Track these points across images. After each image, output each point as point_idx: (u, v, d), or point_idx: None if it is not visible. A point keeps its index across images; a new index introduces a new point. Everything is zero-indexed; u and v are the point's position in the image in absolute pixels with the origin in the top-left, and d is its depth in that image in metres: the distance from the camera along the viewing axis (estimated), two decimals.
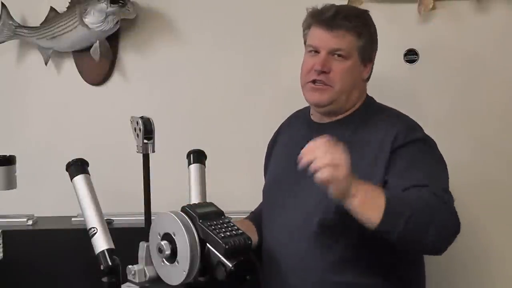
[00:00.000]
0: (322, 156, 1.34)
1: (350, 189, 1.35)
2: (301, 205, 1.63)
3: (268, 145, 1.90)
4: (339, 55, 1.62)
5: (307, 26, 1.70)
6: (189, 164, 1.87)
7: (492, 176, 2.26)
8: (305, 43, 1.72)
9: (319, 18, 1.65)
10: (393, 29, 2.25)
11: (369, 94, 1.78)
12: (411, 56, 2.26)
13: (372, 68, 1.72)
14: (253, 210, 1.95)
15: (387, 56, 2.22)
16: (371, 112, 1.67)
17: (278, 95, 2.21)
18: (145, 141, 1.69)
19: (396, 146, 1.55)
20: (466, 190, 2.24)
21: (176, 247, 1.54)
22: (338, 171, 1.33)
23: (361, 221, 1.38)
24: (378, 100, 1.76)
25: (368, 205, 1.37)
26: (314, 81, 1.64)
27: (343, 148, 1.36)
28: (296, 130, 1.80)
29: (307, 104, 1.78)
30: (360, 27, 1.64)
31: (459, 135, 2.26)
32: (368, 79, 1.73)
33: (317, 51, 1.64)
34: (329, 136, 1.64)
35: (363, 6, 2.20)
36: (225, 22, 2.36)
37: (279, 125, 1.95)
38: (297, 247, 1.61)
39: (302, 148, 1.70)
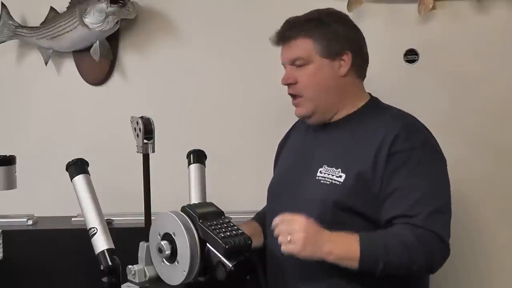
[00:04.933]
0: (282, 233, 1.48)
1: (321, 249, 1.46)
2: (301, 204, 1.63)
3: (279, 145, 1.90)
4: (299, 65, 1.64)
5: None
6: (189, 164, 1.87)
7: (492, 173, 2.26)
8: None
9: (275, 38, 1.70)
10: (393, 29, 2.25)
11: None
12: (411, 56, 2.26)
13: (353, 60, 1.65)
14: (257, 210, 1.94)
15: (387, 56, 2.24)
16: (372, 113, 1.66)
17: (279, 96, 2.20)
18: (145, 141, 1.69)
19: (394, 151, 1.54)
20: (468, 186, 2.25)
21: (176, 247, 1.54)
22: (294, 247, 1.45)
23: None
24: None
25: (344, 259, 1.48)
26: (292, 96, 1.69)
27: (304, 222, 1.46)
28: (302, 131, 1.80)
29: None
30: (308, 30, 1.63)
31: (459, 134, 2.26)
32: (358, 73, 1.67)
33: (285, 67, 1.69)
34: (328, 138, 1.66)
35: (363, 6, 2.21)
36: (225, 22, 2.36)
37: (280, 125, 1.95)
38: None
39: (304, 149, 1.72)
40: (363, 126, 1.62)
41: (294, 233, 1.46)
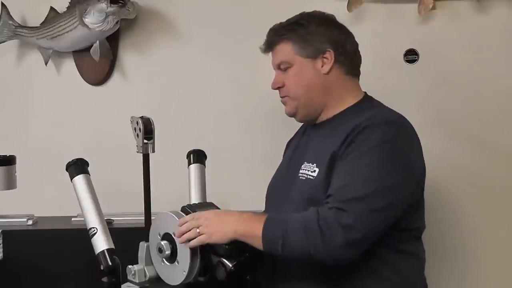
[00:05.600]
0: (187, 233, 1.54)
1: (228, 229, 1.51)
2: (287, 202, 1.64)
3: (287, 143, 1.91)
4: (284, 68, 1.69)
5: None
6: (189, 164, 1.87)
7: (490, 174, 2.26)
8: None
9: (262, 47, 1.76)
10: (393, 29, 2.25)
11: (369, 94, 1.76)
12: (411, 56, 2.26)
13: (335, 57, 1.64)
14: (257, 210, 1.93)
15: (387, 56, 2.24)
16: (362, 109, 1.65)
17: (279, 96, 2.21)
18: (145, 141, 1.69)
19: (353, 141, 1.54)
20: (468, 185, 2.25)
21: (176, 247, 1.54)
22: (202, 237, 1.52)
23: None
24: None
25: (250, 236, 1.51)
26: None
27: (208, 214, 1.56)
28: (304, 132, 1.81)
29: None
30: (285, 33, 1.68)
31: (458, 134, 2.26)
32: (333, 71, 1.65)
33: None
34: (315, 137, 1.67)
35: (363, 6, 2.21)
36: (225, 22, 2.36)
37: (280, 125, 1.95)
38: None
39: (298, 149, 1.74)
40: (345, 122, 1.62)
41: (200, 226, 1.53)
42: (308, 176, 1.59)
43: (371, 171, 1.49)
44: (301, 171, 1.62)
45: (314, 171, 1.58)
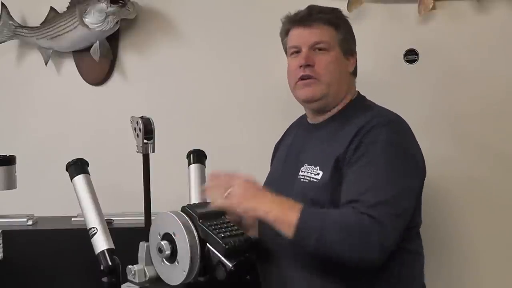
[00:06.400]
0: (215, 188, 1.57)
1: (260, 207, 1.50)
2: None
3: (275, 146, 1.90)
4: (320, 49, 1.65)
5: (285, 33, 1.74)
6: (189, 164, 1.87)
7: (488, 174, 2.26)
8: (285, 51, 1.75)
9: (294, 19, 1.70)
10: (393, 29, 2.25)
11: (369, 94, 1.77)
12: (411, 56, 2.26)
13: (356, 63, 1.72)
14: None
15: (387, 56, 2.24)
16: (358, 109, 1.66)
17: (279, 96, 2.21)
18: (145, 141, 1.69)
19: (360, 144, 1.55)
20: (467, 186, 2.25)
21: (176, 247, 1.54)
22: (229, 200, 1.53)
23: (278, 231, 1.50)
24: (377, 100, 1.75)
25: (282, 221, 1.48)
26: (302, 78, 1.66)
27: (242, 179, 1.57)
28: (297, 131, 1.81)
29: None
30: (336, 19, 1.68)
31: (459, 134, 2.26)
32: (355, 73, 1.73)
33: (298, 51, 1.67)
34: (313, 138, 1.68)
35: (363, 6, 2.21)
36: (225, 22, 2.36)
37: (279, 125, 1.94)
38: (284, 241, 1.61)
39: (293, 150, 1.74)
40: (345, 124, 1.62)
41: (232, 188, 1.53)
42: (311, 179, 1.59)
43: (388, 176, 1.50)
44: (301, 173, 1.62)
45: (318, 174, 1.58)
